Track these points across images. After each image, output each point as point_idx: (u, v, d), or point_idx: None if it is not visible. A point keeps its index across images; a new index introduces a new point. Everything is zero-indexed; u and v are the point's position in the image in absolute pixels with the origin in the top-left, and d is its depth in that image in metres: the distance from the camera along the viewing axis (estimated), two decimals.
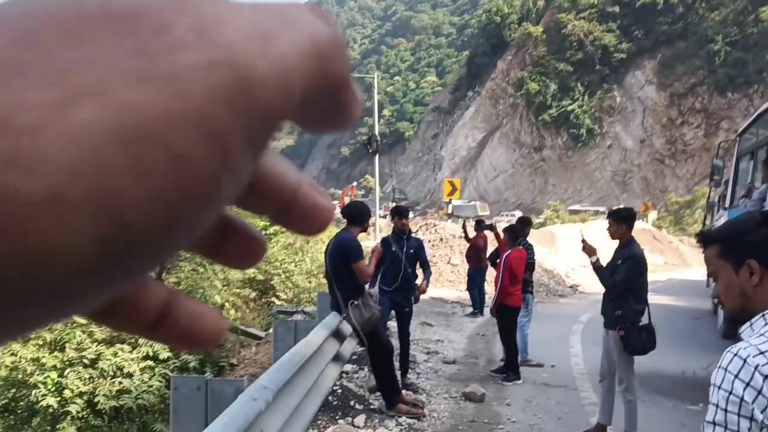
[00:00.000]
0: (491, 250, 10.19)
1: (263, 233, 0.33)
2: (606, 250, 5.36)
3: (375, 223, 24.57)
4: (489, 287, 12.45)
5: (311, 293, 12.71)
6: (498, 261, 7.91)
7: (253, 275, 12.92)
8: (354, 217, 6.18)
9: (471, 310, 12.86)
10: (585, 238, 5.62)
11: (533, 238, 9.45)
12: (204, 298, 10.08)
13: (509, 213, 58.41)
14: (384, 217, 30.17)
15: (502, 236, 8.08)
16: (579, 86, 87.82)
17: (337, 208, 10.72)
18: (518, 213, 41.80)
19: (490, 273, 10.57)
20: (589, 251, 5.49)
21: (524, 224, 8.51)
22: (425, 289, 7.52)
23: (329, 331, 6.17)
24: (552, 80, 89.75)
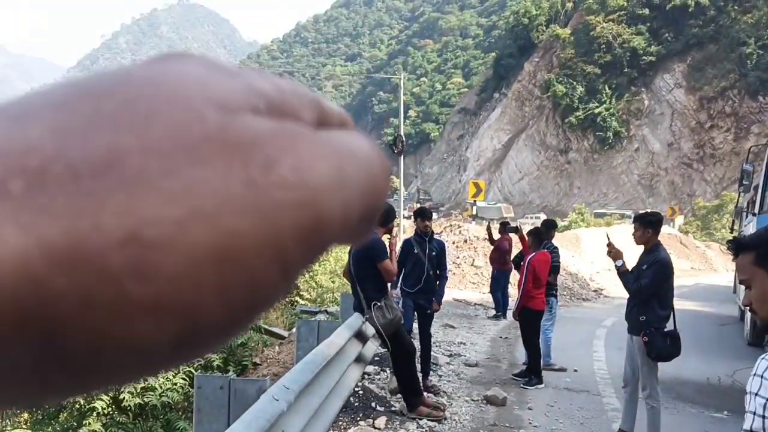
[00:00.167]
0: (515, 253, 10.15)
1: None
2: (632, 255, 5.28)
3: (399, 224, 24.55)
4: (513, 290, 12.38)
5: (335, 293, 12.75)
6: (522, 263, 7.89)
7: None
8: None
9: (494, 313, 12.81)
10: (611, 242, 5.58)
11: (558, 241, 9.37)
12: None
13: (534, 215, 57.90)
14: (408, 218, 30.12)
15: (527, 239, 8.05)
16: (606, 89, 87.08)
17: None
18: (543, 215, 41.43)
19: (514, 276, 10.53)
20: (615, 255, 5.43)
21: (549, 227, 8.46)
22: (438, 308, 7.50)
23: (352, 332, 6.19)
24: (579, 82, 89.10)
